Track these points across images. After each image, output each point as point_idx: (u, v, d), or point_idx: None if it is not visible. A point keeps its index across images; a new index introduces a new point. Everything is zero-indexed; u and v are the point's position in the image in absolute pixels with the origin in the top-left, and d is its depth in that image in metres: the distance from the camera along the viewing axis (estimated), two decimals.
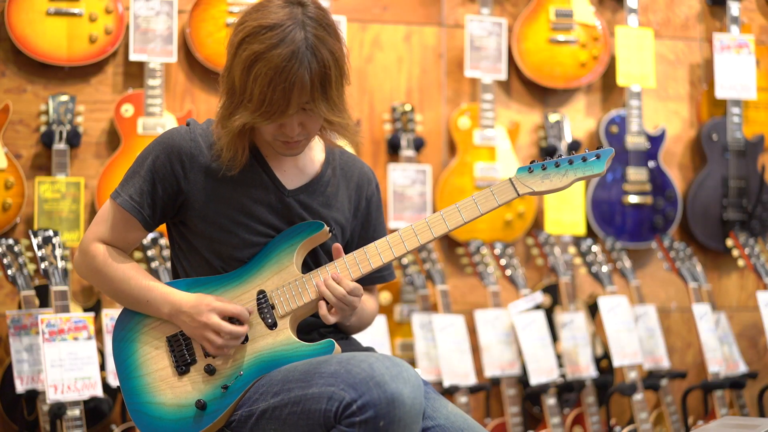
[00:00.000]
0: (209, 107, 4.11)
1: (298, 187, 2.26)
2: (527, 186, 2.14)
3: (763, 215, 4.58)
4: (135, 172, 2.23)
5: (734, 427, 2.66)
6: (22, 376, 3.41)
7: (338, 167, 2.33)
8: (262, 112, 2.07)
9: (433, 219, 2.16)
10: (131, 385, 2.21)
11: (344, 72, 2.12)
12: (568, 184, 2.13)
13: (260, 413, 2.08)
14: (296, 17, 2.07)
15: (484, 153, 4.32)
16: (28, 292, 3.48)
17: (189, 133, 2.23)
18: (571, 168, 2.13)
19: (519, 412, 3.99)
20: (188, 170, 2.21)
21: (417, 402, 1.94)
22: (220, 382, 2.15)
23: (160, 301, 2.19)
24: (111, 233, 2.25)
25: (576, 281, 4.37)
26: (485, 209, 2.14)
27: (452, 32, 4.45)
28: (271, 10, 2.08)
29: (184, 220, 2.24)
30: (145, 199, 2.21)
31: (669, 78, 4.72)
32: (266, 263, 2.21)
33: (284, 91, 2.04)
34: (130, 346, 2.23)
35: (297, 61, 2.03)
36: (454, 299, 4.23)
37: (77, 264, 2.29)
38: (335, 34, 2.10)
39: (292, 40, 2.04)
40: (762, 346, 4.72)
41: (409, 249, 2.17)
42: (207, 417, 2.13)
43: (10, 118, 3.80)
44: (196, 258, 2.25)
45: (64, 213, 3.80)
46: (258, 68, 2.04)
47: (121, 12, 3.95)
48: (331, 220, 2.28)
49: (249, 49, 2.06)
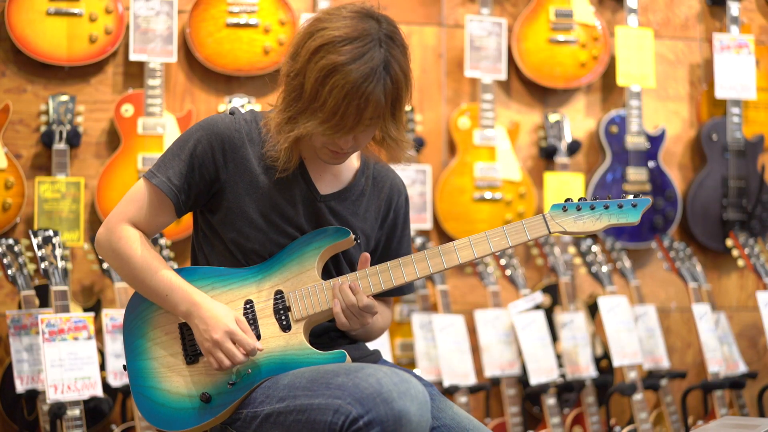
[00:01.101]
0: (209, 107, 4.11)
1: (330, 193, 2.25)
2: (559, 225, 2.15)
3: (762, 215, 4.58)
4: (175, 155, 2.20)
5: (734, 427, 2.66)
6: (22, 376, 3.41)
7: (371, 176, 2.33)
8: (332, 124, 2.06)
9: (461, 244, 2.16)
10: (138, 367, 2.20)
11: (411, 92, 2.14)
12: (600, 229, 2.15)
13: (264, 416, 2.07)
14: (374, 33, 2.07)
15: (484, 153, 4.32)
16: (28, 292, 3.48)
17: (233, 122, 2.21)
18: (605, 213, 2.14)
19: (519, 412, 3.99)
20: (229, 160, 2.19)
21: (424, 419, 1.93)
22: (228, 378, 2.14)
23: (180, 298, 2.16)
24: (141, 215, 2.21)
25: (576, 281, 4.37)
26: (514, 242, 2.15)
27: (452, 32, 4.45)
28: (349, 23, 2.07)
29: (215, 208, 2.23)
30: (182, 183, 2.18)
31: (669, 78, 4.72)
32: (288, 263, 2.21)
33: (358, 108, 2.04)
34: (142, 326, 2.22)
35: (374, 79, 2.03)
36: (454, 299, 4.23)
37: (100, 240, 2.24)
38: (406, 54, 2.12)
39: (371, 57, 2.04)
40: (762, 346, 4.72)
41: (433, 271, 2.17)
42: (210, 411, 2.13)
43: (10, 118, 3.80)
44: (218, 247, 2.24)
45: (64, 213, 3.80)
46: (335, 80, 2.03)
47: (121, 12, 3.95)
48: (358, 229, 2.28)
49: (327, 59, 2.04)
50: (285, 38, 4.08)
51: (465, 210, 4.30)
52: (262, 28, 4.06)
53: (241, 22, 4.04)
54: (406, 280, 2.18)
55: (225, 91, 4.12)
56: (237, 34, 4.05)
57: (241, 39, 4.05)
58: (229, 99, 4.03)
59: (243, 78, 4.12)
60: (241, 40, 4.05)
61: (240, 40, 4.05)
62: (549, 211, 2.16)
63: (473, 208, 4.31)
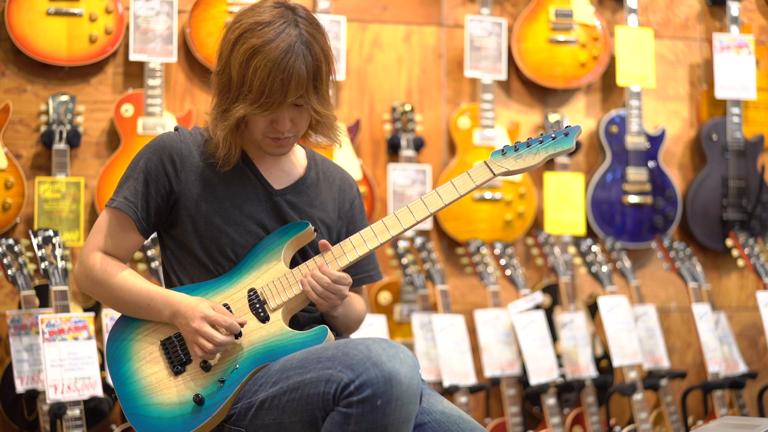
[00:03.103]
0: (209, 107, 4.10)
1: (285, 188, 2.33)
2: (501, 166, 2.22)
3: (762, 215, 4.58)
4: (128, 177, 2.30)
5: (734, 427, 2.66)
6: (22, 376, 3.41)
7: (320, 171, 2.42)
8: (262, 102, 2.16)
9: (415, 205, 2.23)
10: (127, 391, 2.23)
11: (332, 68, 2.25)
12: (540, 162, 2.22)
13: (259, 404, 2.09)
14: (289, 16, 2.20)
15: (484, 153, 4.32)
16: (28, 292, 3.48)
17: (178, 135, 2.32)
18: (542, 146, 2.23)
19: (519, 412, 3.99)
20: (179, 170, 2.27)
21: (414, 381, 1.96)
22: (217, 377, 2.17)
23: (161, 305, 2.22)
24: (108, 240, 2.29)
25: (576, 281, 4.37)
26: (463, 191, 2.21)
27: (452, 32, 4.45)
28: (264, 10, 2.21)
29: (176, 221, 2.29)
30: (139, 199, 2.26)
31: (669, 78, 4.72)
32: (255, 263, 2.26)
33: (282, 83, 2.14)
34: (125, 352, 2.26)
35: (293, 54, 2.15)
36: (454, 299, 4.23)
37: (77, 277, 2.33)
38: (324, 33, 2.24)
39: (288, 34, 2.16)
40: (762, 346, 4.72)
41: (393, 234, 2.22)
42: (205, 411, 2.14)
43: (10, 118, 3.80)
44: (188, 260, 2.29)
45: (64, 213, 3.80)
46: (257, 61, 2.14)
47: (121, 12, 3.95)
48: (317, 219, 2.35)
49: (247, 44, 2.16)
50: None
51: (465, 210, 4.30)
52: None
53: None
54: (369, 247, 2.23)
55: None
56: None
57: None
58: None
59: None
60: None
61: None
62: (490, 157, 2.24)
63: (473, 208, 4.31)
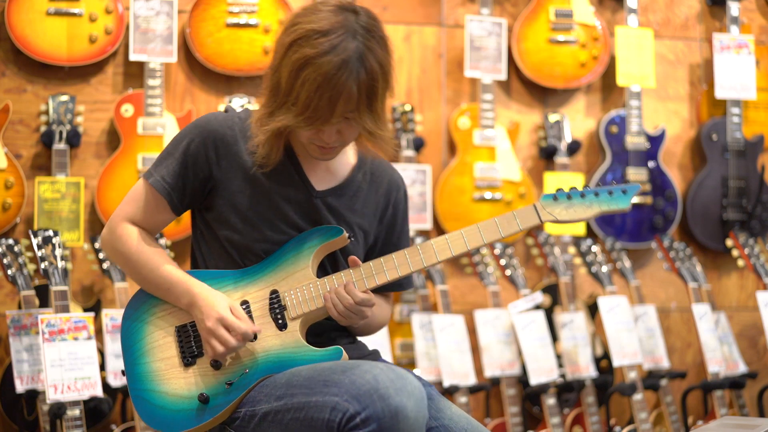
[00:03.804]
0: (209, 107, 4.11)
1: (326, 189, 2.25)
2: (550, 214, 2.15)
3: (762, 215, 4.58)
4: (169, 154, 2.22)
5: (734, 427, 2.66)
6: (22, 376, 3.41)
7: (368, 172, 2.32)
8: (306, 117, 2.06)
9: (453, 237, 2.17)
10: (136, 371, 2.21)
11: (390, 85, 2.12)
12: (591, 216, 2.15)
13: (263, 415, 2.08)
14: (349, 25, 2.06)
15: (484, 153, 4.32)
16: (28, 292, 3.48)
17: (226, 120, 2.22)
18: (596, 200, 2.15)
19: (519, 412, 3.99)
20: (222, 157, 2.20)
21: (420, 415, 1.94)
22: (225, 378, 2.15)
23: (181, 291, 2.18)
24: (140, 213, 2.24)
25: (576, 281, 4.37)
26: (506, 233, 2.15)
27: (452, 32, 4.45)
28: (324, 15, 2.07)
29: (211, 206, 2.24)
30: (176, 181, 2.20)
31: (669, 78, 4.72)
32: (282, 263, 2.21)
33: (330, 100, 2.04)
34: (140, 329, 2.23)
35: (347, 70, 2.03)
36: (454, 299, 4.23)
37: (104, 241, 2.28)
38: (385, 46, 2.11)
39: (344, 48, 2.03)
40: (762, 346, 4.72)
41: (426, 265, 2.17)
42: (208, 411, 2.13)
43: (10, 118, 3.80)
44: (215, 246, 2.25)
45: (64, 213, 3.80)
46: (307, 73, 2.03)
47: (121, 12, 3.95)
48: (355, 225, 2.28)
49: (300, 52, 2.04)
50: None
51: (465, 210, 4.30)
52: (262, 28, 4.06)
53: (241, 22, 4.04)
54: (399, 274, 2.18)
55: (225, 91, 4.12)
56: (237, 34, 4.05)
57: (241, 39, 4.05)
58: (229, 99, 4.03)
59: (243, 78, 4.12)
60: (241, 40, 4.05)
61: (240, 40, 4.05)
62: (540, 200, 2.17)
63: (473, 208, 4.31)
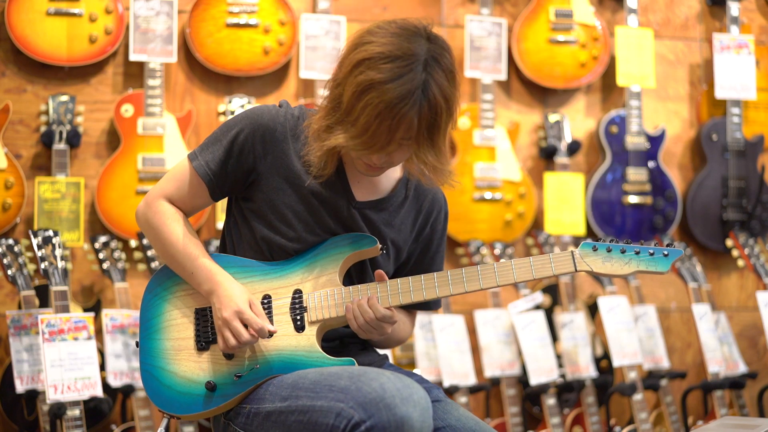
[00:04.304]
0: (209, 107, 4.11)
1: (366, 201, 2.24)
2: (587, 264, 2.13)
3: (762, 215, 4.58)
4: (217, 139, 2.22)
5: (734, 427, 2.66)
6: (22, 376, 3.41)
7: (413, 188, 2.30)
8: (363, 141, 2.03)
9: (485, 270, 2.16)
10: (150, 346, 2.22)
11: (454, 118, 2.09)
12: (628, 274, 2.12)
13: (266, 414, 2.08)
14: (419, 54, 2.03)
15: (484, 153, 4.32)
16: (28, 292, 3.48)
17: (279, 115, 2.21)
18: (635, 258, 2.12)
19: (519, 412, 3.99)
20: (268, 152, 2.19)
21: (426, 425, 1.94)
22: (235, 370, 2.16)
23: (204, 277, 2.18)
24: (179, 193, 2.25)
25: (576, 281, 4.37)
26: (539, 275, 2.14)
27: (452, 32, 4.45)
28: (396, 40, 2.04)
29: (250, 197, 2.23)
30: (219, 168, 2.20)
31: (669, 78, 4.72)
32: (311, 264, 2.21)
33: (389, 128, 2.01)
34: (160, 305, 2.24)
35: (410, 101, 1.99)
36: (454, 299, 4.23)
37: (139, 214, 2.29)
38: (453, 80, 2.07)
39: (411, 78, 2.00)
40: (762, 346, 4.72)
41: (453, 293, 2.17)
42: (214, 400, 2.14)
43: (10, 118, 3.80)
44: (246, 237, 2.25)
45: (64, 213, 3.80)
46: (370, 97, 2.00)
47: (121, 12, 3.95)
48: (389, 239, 2.26)
49: (366, 74, 2.01)
50: (285, 38, 4.08)
51: (465, 210, 4.30)
52: (262, 29, 4.06)
53: (241, 22, 4.04)
54: (425, 297, 2.18)
55: (225, 91, 4.12)
56: (237, 34, 4.05)
57: (241, 39, 4.05)
58: (229, 99, 4.03)
59: (243, 78, 4.12)
60: (241, 40, 4.05)
61: (240, 41, 4.05)
62: (579, 248, 2.14)
63: (473, 208, 4.31)
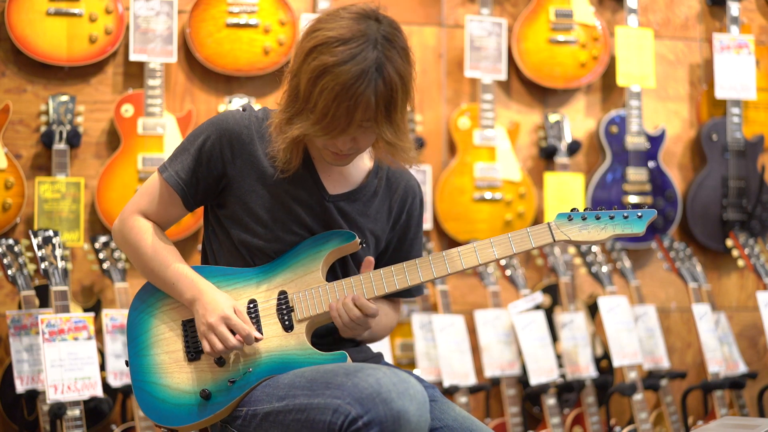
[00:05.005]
0: (209, 107, 4.11)
1: (339, 194, 2.25)
2: (564, 233, 2.14)
3: (762, 215, 4.58)
4: (185, 149, 2.23)
5: (734, 427, 2.66)
6: (22, 376, 3.41)
7: (384, 177, 2.32)
8: (323, 126, 2.05)
9: (465, 250, 2.17)
10: (140, 363, 2.21)
11: (410, 95, 2.10)
12: (604, 239, 2.14)
13: (264, 415, 2.08)
14: (370, 34, 2.04)
15: (484, 153, 4.32)
16: (28, 292, 3.48)
17: (244, 119, 2.22)
18: (610, 223, 2.13)
19: (519, 412, 3.99)
20: (237, 156, 2.20)
21: (423, 419, 1.94)
22: (228, 376, 2.15)
23: (186, 286, 2.19)
24: (153, 207, 2.26)
25: (576, 281, 4.37)
26: (518, 249, 2.14)
27: (452, 32, 4.45)
28: (345, 23, 2.05)
29: (223, 203, 2.24)
30: (190, 177, 2.21)
31: (669, 78, 4.72)
32: (293, 264, 2.21)
33: (348, 110, 2.02)
34: (146, 321, 2.24)
35: (365, 80, 2.01)
36: (454, 299, 4.23)
37: (115, 231, 2.30)
38: (406, 57, 2.08)
39: (364, 58, 2.01)
40: (762, 346, 4.72)
41: (436, 276, 2.17)
42: (209, 408, 2.14)
43: (10, 118, 3.80)
44: (226, 244, 2.26)
45: (64, 213, 3.80)
46: (325, 81, 2.02)
47: (121, 12, 3.95)
48: (367, 230, 2.27)
49: (319, 60, 2.03)
50: (285, 38, 4.08)
51: (465, 210, 4.30)
52: (262, 29, 4.06)
53: (241, 22, 4.04)
54: (409, 284, 2.18)
55: (225, 92, 4.12)
56: (237, 35, 4.05)
57: (241, 39, 4.05)
58: (229, 99, 4.03)
59: (243, 78, 4.12)
60: (241, 40, 4.05)
61: (240, 41, 4.05)
62: (554, 219, 2.16)
63: (473, 208, 4.31)
